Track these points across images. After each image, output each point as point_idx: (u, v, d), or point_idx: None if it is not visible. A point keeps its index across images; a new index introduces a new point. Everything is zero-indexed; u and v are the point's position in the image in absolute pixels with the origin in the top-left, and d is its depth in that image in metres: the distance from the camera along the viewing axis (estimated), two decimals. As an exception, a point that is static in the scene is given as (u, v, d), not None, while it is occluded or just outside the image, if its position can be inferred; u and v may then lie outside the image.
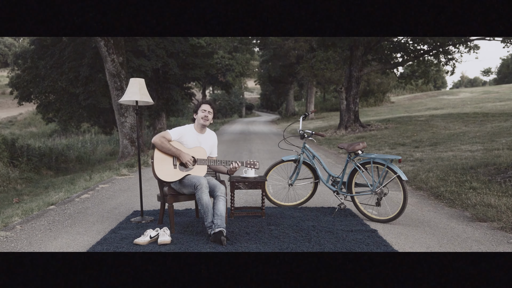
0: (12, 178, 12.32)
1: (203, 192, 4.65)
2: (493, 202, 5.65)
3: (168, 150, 4.88)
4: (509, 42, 18.12)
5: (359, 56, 19.90)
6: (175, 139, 4.99)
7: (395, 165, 5.22)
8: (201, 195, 4.63)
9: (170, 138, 4.95)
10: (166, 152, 4.90)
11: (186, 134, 5.06)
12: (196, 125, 5.15)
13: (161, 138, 4.90)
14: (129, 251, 4.21)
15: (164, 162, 4.91)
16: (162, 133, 4.96)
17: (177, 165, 4.93)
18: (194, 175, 4.87)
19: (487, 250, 4.23)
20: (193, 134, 5.11)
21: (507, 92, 39.14)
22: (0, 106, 56.00)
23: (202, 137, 5.16)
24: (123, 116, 14.23)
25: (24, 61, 23.15)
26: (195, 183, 4.72)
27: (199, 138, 5.12)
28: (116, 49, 14.02)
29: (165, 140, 4.90)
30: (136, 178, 9.30)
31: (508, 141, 11.20)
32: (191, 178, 4.83)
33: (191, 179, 4.81)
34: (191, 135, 5.08)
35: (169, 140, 4.94)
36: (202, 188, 4.66)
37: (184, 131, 5.07)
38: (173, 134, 4.99)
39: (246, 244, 4.40)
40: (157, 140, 4.89)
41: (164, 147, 4.87)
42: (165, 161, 4.91)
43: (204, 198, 4.62)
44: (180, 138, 5.02)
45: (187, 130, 5.10)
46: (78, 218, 5.81)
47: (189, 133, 5.08)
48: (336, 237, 4.59)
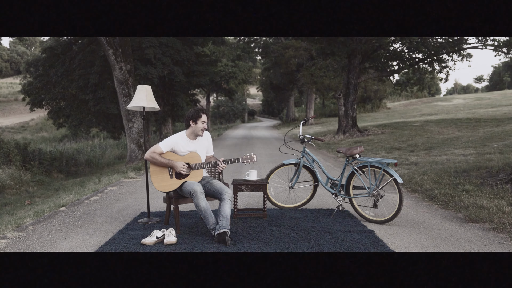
0: (24, 181, 12.33)
1: (199, 198, 4.62)
2: (485, 204, 5.64)
3: (160, 163, 4.84)
4: (501, 50, 18.14)
5: (357, 64, 19.94)
6: (167, 150, 4.92)
7: (391, 168, 5.22)
8: (197, 201, 4.61)
9: (161, 151, 4.89)
10: (159, 165, 4.87)
11: (178, 143, 4.96)
12: (190, 133, 5.03)
13: (151, 153, 4.85)
14: (137, 251, 4.21)
15: (160, 174, 4.88)
16: (152, 148, 4.90)
17: (173, 174, 4.91)
18: (189, 182, 4.81)
19: (479, 250, 4.23)
20: (186, 141, 5.00)
21: (498, 99, 39.07)
22: (13, 112, 56.14)
23: (196, 142, 5.07)
24: (130, 121, 14.25)
25: (36, 69, 23.22)
26: (189, 190, 4.69)
27: (192, 144, 5.03)
28: (124, 57, 14.05)
29: (155, 154, 4.84)
30: (143, 181, 9.31)
31: (499, 146, 11.19)
32: (186, 186, 4.79)
33: (186, 187, 4.77)
34: (184, 143, 4.99)
35: (161, 153, 4.89)
36: (197, 195, 4.63)
37: (175, 140, 4.97)
38: (163, 146, 4.91)
39: (249, 244, 4.40)
40: (147, 156, 4.86)
41: (156, 161, 4.84)
42: (161, 173, 4.89)
43: (201, 203, 4.60)
44: (172, 148, 4.95)
45: (178, 139, 4.99)
46: (88, 219, 5.82)
47: (181, 142, 4.98)
48: (334, 238, 4.59)
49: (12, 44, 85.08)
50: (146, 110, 5.82)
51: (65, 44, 21.29)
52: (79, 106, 21.25)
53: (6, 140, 15.69)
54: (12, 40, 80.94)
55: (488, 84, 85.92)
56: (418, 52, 19.73)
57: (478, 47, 18.42)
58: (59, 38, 21.54)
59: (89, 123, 22.64)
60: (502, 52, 18.30)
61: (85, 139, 28.06)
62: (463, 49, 19.13)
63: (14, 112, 56.02)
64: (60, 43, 21.44)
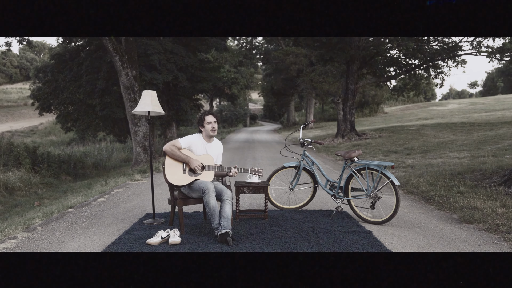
0: (34, 183, 12.35)
1: (210, 196, 4.66)
2: (479, 206, 5.64)
3: (178, 157, 4.90)
4: (494, 57, 18.13)
5: (355, 70, 19.95)
6: (185, 147, 5.01)
7: (388, 171, 5.22)
8: (208, 199, 4.65)
9: (180, 146, 4.97)
10: (176, 158, 4.92)
11: (195, 143, 5.07)
12: (205, 135, 5.15)
13: (171, 146, 4.92)
14: (142, 251, 4.22)
15: (174, 168, 4.93)
16: (172, 142, 4.99)
17: (186, 170, 4.95)
18: (202, 180, 4.89)
19: (474, 250, 4.22)
20: (202, 143, 5.12)
21: (492, 104, 39.04)
22: (23, 116, 56.23)
23: (210, 146, 5.17)
24: (136, 125, 14.27)
25: (44, 74, 23.24)
26: (203, 187, 4.74)
27: (207, 146, 5.14)
28: (130, 64, 14.09)
29: (175, 148, 4.92)
30: (148, 183, 9.31)
31: (493, 149, 11.18)
32: (199, 183, 4.85)
33: (199, 184, 4.83)
34: (200, 144, 5.10)
35: (179, 148, 4.96)
36: (209, 193, 4.68)
37: (193, 140, 5.09)
38: (183, 142, 5.01)
39: (250, 244, 4.40)
40: (167, 148, 4.92)
41: (174, 154, 4.90)
42: (176, 167, 4.93)
43: (211, 201, 4.64)
44: (189, 146, 5.04)
45: (196, 139, 5.12)
46: (95, 220, 5.83)
47: (197, 142, 5.09)
48: (333, 238, 4.59)
49: (21, 50, 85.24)
50: (151, 114, 5.83)
51: (73, 50, 21.32)
52: (87, 110, 21.25)
53: (16, 143, 15.71)
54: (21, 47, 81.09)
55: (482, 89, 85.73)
56: (414, 58, 19.73)
57: (472, 53, 18.42)
58: (67, 45, 21.59)
59: (96, 127, 22.63)
60: (495, 58, 18.29)
61: (92, 142, 28.07)
62: (457, 56, 19.12)
63: (23, 117, 56.10)
64: (68, 50, 21.48)
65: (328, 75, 22.52)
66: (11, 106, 60.82)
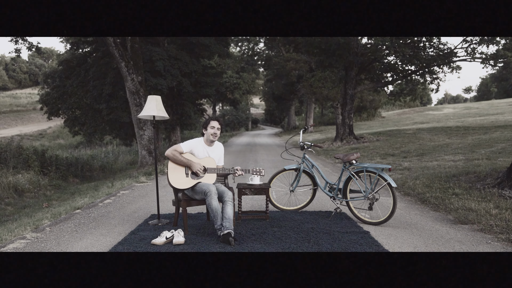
0: (42, 185, 12.36)
1: (212, 198, 4.67)
2: (473, 207, 5.64)
3: (180, 161, 4.91)
4: (488, 63, 18.12)
5: (353, 75, 19.97)
6: (187, 151, 5.03)
7: (385, 173, 5.22)
8: (210, 200, 4.66)
9: (182, 151, 4.99)
10: (178, 163, 4.94)
11: (197, 147, 5.09)
12: (206, 139, 5.16)
13: (173, 151, 4.94)
14: (147, 251, 4.22)
15: (177, 172, 4.94)
16: (174, 147, 5.01)
17: (189, 174, 4.96)
18: (204, 183, 4.90)
19: (468, 250, 4.22)
20: (203, 146, 5.13)
21: (486, 108, 38.99)
22: (32, 121, 56.36)
23: (211, 148, 5.19)
24: (141, 129, 14.30)
25: (53, 80, 23.30)
26: (205, 190, 4.75)
27: (208, 149, 5.15)
28: (135, 70, 14.13)
29: (176, 152, 4.93)
30: (153, 185, 9.32)
31: (487, 152, 11.17)
32: (201, 185, 4.86)
33: (202, 186, 4.84)
34: (201, 147, 5.11)
35: (181, 152, 4.97)
36: (212, 195, 4.69)
37: (194, 144, 5.10)
38: (184, 147, 5.02)
39: (252, 244, 4.41)
40: (169, 153, 4.93)
41: (176, 159, 4.91)
42: (178, 170, 4.94)
43: (213, 203, 4.65)
44: (191, 150, 5.06)
45: (197, 143, 5.13)
46: (101, 221, 5.84)
47: (199, 146, 5.11)
48: (332, 238, 4.59)
49: (30, 57, 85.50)
50: (156, 118, 5.85)
51: (80, 57, 21.39)
52: (94, 115, 21.31)
53: (25, 147, 15.76)
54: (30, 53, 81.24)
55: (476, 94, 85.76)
56: (410, 64, 19.71)
57: (467, 59, 18.40)
58: (75, 51, 21.66)
59: (103, 131, 22.67)
60: (489, 65, 18.28)
61: (99, 146, 28.10)
62: (453, 62, 19.10)
63: (32, 121, 56.23)
64: (75, 56, 21.54)
65: (327, 80, 22.51)
66: (21, 110, 60.97)
